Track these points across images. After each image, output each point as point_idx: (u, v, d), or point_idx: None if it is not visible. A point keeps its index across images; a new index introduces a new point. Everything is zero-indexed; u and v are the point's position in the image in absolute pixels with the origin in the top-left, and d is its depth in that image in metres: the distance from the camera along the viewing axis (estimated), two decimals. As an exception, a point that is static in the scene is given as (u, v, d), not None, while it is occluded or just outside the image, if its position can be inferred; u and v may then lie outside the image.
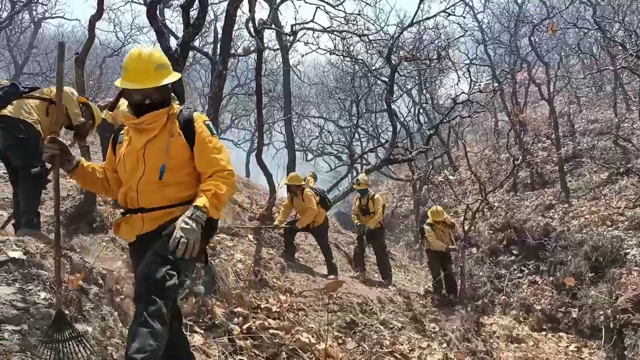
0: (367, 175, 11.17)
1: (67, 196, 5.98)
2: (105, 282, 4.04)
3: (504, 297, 13.23)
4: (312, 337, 5.17)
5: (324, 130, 26.47)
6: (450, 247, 8.99)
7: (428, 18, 13.38)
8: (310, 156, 27.56)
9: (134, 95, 2.64)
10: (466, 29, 17.69)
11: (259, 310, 5.52)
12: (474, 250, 15.24)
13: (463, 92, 12.39)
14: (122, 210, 2.92)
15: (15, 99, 4.46)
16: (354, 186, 9.40)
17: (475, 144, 23.94)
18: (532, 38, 17.54)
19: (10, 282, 2.80)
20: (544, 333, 11.21)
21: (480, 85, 12.95)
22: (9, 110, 4.38)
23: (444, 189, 17.29)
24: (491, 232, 15.40)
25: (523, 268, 13.72)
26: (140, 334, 2.31)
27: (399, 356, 5.35)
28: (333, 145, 24.43)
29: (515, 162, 11.03)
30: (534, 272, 13.29)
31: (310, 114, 27.64)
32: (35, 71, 19.39)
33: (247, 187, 18.98)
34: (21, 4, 15.40)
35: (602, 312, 10.07)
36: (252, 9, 7.78)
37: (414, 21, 11.76)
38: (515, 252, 14.28)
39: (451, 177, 11.94)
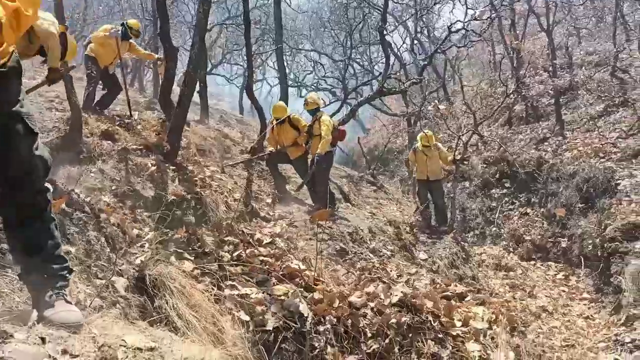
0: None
1: (53, 128, 5.92)
2: (91, 210, 4.05)
3: (495, 228, 13.45)
4: (302, 264, 5.25)
5: (318, 65, 26.01)
6: (432, 176, 8.96)
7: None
8: (304, 92, 27.21)
9: None
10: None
11: (250, 239, 5.58)
12: (467, 183, 15.34)
13: (458, 21, 12.06)
14: None
15: None
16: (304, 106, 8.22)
17: (473, 77, 23.60)
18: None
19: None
20: (533, 262, 11.48)
21: (476, 13, 12.58)
22: None
23: (439, 124, 17.19)
24: (484, 165, 15.43)
25: (515, 200, 13.86)
26: None
27: (387, 281, 5.46)
28: (327, 80, 24.02)
29: (509, 93, 10.85)
30: (525, 204, 13.44)
31: (304, 47, 27.06)
32: None
33: (240, 123, 18.87)
34: None
35: (590, 242, 10.27)
36: None
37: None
38: (507, 185, 14.37)
39: (442, 107, 11.77)
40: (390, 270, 5.93)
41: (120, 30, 7.86)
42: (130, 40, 8.19)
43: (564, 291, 9.93)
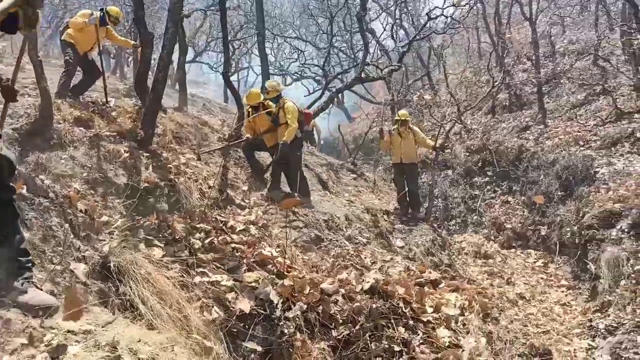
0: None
1: (23, 114, 5.81)
2: (56, 196, 3.99)
3: (476, 216, 13.52)
4: (275, 251, 5.24)
5: (304, 53, 25.89)
6: (405, 159, 8.98)
7: None
8: (289, 80, 27.08)
9: None
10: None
11: (222, 227, 5.56)
12: (449, 172, 15.40)
13: (436, 7, 12.01)
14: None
15: None
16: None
17: (458, 66, 23.63)
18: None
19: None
20: (513, 250, 11.57)
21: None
22: None
23: (423, 112, 17.20)
24: (467, 154, 15.49)
25: (496, 189, 13.93)
26: None
27: (360, 267, 5.47)
28: (311, 68, 23.89)
29: (495, 83, 10.87)
30: (507, 192, 13.52)
31: (290, 35, 26.85)
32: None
33: (224, 111, 18.74)
34: None
35: (568, 229, 10.36)
36: None
37: None
38: (489, 173, 14.44)
39: (427, 97, 11.76)
40: (365, 258, 5.94)
41: (98, 16, 7.74)
42: (108, 27, 8.08)
43: (542, 278, 10.02)
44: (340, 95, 23.69)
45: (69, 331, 1.89)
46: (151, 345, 2.27)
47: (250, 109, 7.62)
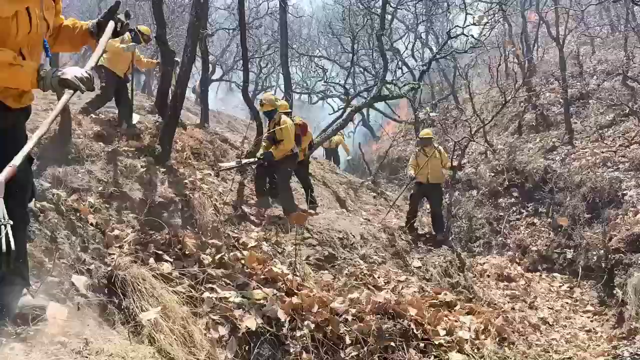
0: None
1: (44, 129, 5.93)
2: (67, 209, 4.04)
3: (501, 238, 13.26)
4: (286, 268, 5.20)
5: (329, 72, 25.97)
6: (432, 179, 8.81)
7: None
8: (315, 99, 27.23)
9: None
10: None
11: (234, 243, 5.55)
12: (474, 192, 15.18)
13: (457, 26, 11.95)
14: None
15: None
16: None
17: (485, 86, 23.43)
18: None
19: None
20: (538, 273, 11.29)
21: (475, 18, 12.49)
22: None
23: (447, 131, 17.04)
24: (492, 174, 15.27)
25: (522, 210, 13.67)
26: None
27: (371, 287, 5.38)
28: (336, 87, 24.00)
29: (507, 98, 10.72)
30: (533, 214, 13.25)
31: (315, 54, 27.05)
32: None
33: (248, 128, 18.90)
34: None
35: (595, 253, 10.08)
36: None
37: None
38: (515, 194, 14.20)
39: (433, 114, 11.64)
40: (378, 277, 5.85)
41: (130, 38, 7.49)
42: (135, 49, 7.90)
43: (567, 303, 9.74)
44: (365, 113, 23.74)
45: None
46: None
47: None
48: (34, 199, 2.85)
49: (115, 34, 2.62)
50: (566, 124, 14.78)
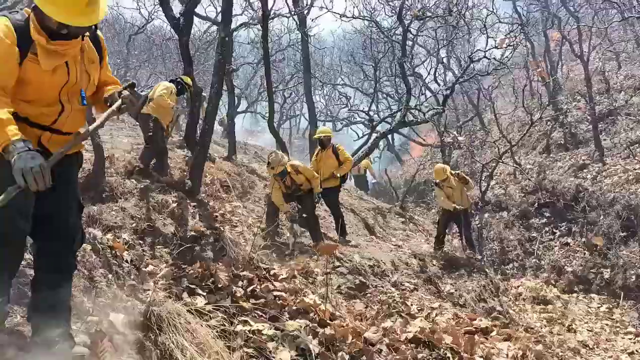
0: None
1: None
2: (102, 247, 4.14)
3: (534, 260, 13.02)
4: (318, 298, 5.19)
5: (352, 99, 26.20)
6: (457, 206, 8.71)
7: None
8: (339, 126, 27.42)
9: (72, 30, 2.32)
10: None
11: (266, 274, 5.58)
12: (504, 213, 14.97)
13: (478, 50, 11.99)
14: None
15: None
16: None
17: (510, 106, 23.30)
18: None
19: None
20: (575, 295, 11.01)
21: (497, 41, 12.50)
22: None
23: (473, 153, 16.94)
24: (522, 194, 15.08)
25: (555, 230, 13.44)
26: None
27: (405, 315, 5.33)
28: (359, 114, 24.16)
29: (533, 119, 10.62)
30: (566, 233, 13.01)
31: (338, 82, 27.35)
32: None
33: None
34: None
35: (633, 272, 9.82)
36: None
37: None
38: (547, 214, 13.98)
39: (460, 138, 11.60)
40: (411, 304, 5.79)
41: (175, 89, 7.27)
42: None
43: (607, 325, 9.45)
44: (390, 138, 23.77)
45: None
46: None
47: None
48: (83, 244, 2.96)
49: (118, 112, 2.58)
50: (595, 141, 14.57)
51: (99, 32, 2.64)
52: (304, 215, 7.22)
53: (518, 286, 10.73)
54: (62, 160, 2.40)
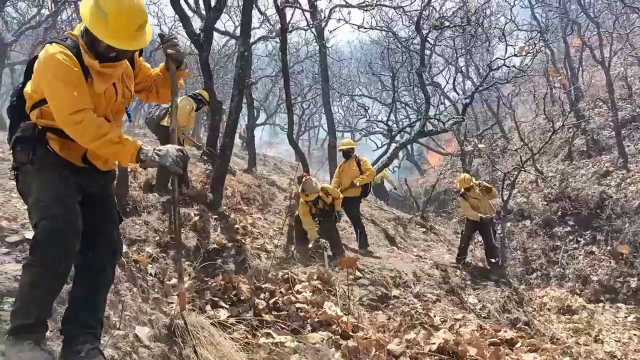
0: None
1: (102, 183, 6.22)
2: (127, 261, 4.19)
3: (559, 269, 12.82)
4: (340, 310, 5.18)
5: (370, 109, 26.26)
6: (483, 216, 8.60)
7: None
8: (358, 136, 27.47)
9: (122, 53, 2.46)
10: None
11: (288, 286, 5.59)
12: (527, 222, 14.79)
13: (498, 58, 11.92)
14: None
15: None
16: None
17: (530, 113, 23.09)
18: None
19: (20, 260, 2.97)
20: (601, 304, 10.81)
21: (516, 49, 12.40)
22: None
23: (494, 161, 16.80)
24: (545, 203, 14.89)
25: (579, 239, 13.23)
26: None
27: (428, 327, 5.29)
28: (378, 124, 24.19)
29: (555, 126, 10.49)
30: (591, 242, 12.79)
31: (356, 93, 27.41)
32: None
33: (294, 170, 19.16)
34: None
35: (662, 281, 9.60)
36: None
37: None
38: (570, 222, 13.78)
39: (481, 146, 11.51)
40: (434, 316, 5.74)
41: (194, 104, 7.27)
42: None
43: (635, 335, 9.23)
44: (409, 148, 23.73)
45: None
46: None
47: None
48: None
49: (176, 67, 2.86)
50: (619, 147, 14.35)
51: None
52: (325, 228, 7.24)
53: (542, 296, 10.56)
54: (105, 175, 2.60)
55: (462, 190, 8.94)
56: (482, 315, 6.56)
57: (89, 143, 2.32)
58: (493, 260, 8.77)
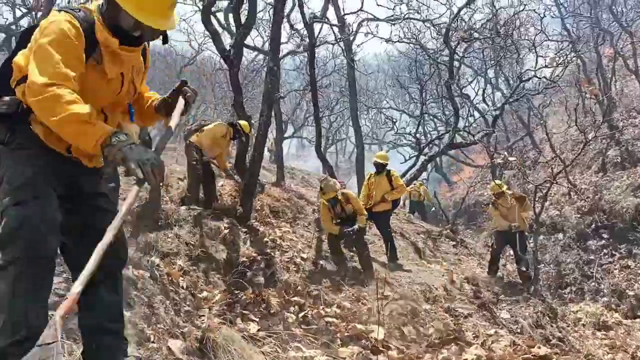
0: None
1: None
2: (160, 274, 4.26)
3: (593, 283, 12.52)
4: (370, 325, 5.16)
5: (398, 121, 26.20)
6: (513, 225, 8.42)
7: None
8: (385, 148, 27.41)
9: (147, 34, 2.17)
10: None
11: (317, 300, 5.59)
12: (560, 235, 14.50)
13: (528, 70, 11.77)
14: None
15: None
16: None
17: (561, 124, 22.71)
18: (614, 7, 16.31)
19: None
20: (638, 320, 10.50)
21: (547, 60, 12.24)
22: None
23: (525, 173, 16.52)
24: (578, 215, 14.59)
25: (614, 252, 12.92)
26: None
27: (461, 343, 5.21)
28: (406, 136, 24.11)
29: (587, 137, 10.28)
30: (626, 256, 12.49)
31: (383, 106, 27.43)
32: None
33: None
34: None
35: (702, 296, 9.28)
36: (301, 4, 7.86)
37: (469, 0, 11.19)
38: (605, 235, 13.47)
39: (511, 158, 11.35)
40: (466, 331, 5.66)
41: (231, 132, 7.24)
42: None
43: (675, 352, 8.92)
44: (438, 160, 23.55)
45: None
46: None
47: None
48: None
49: (185, 110, 2.43)
50: (655, 158, 14.00)
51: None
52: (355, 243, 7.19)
53: (577, 311, 10.29)
54: (98, 171, 2.29)
55: (493, 198, 8.82)
56: (515, 331, 6.43)
57: (50, 117, 1.89)
58: (524, 269, 8.59)
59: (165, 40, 2.28)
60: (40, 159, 2.07)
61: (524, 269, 8.60)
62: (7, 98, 2.10)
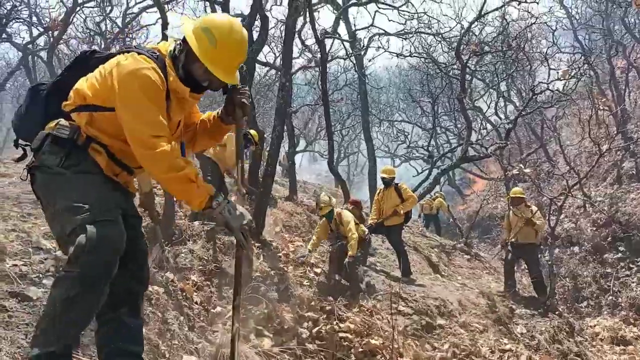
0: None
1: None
2: (174, 290, 4.28)
3: (611, 297, 12.32)
4: (384, 340, 5.13)
5: (410, 135, 26.18)
6: (521, 239, 8.31)
7: (496, 9, 12.61)
8: (397, 162, 27.35)
9: (214, 84, 2.31)
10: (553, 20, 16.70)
11: (331, 315, 5.57)
12: (575, 248, 14.32)
13: (540, 82, 11.73)
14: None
15: None
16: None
17: (575, 136, 22.53)
18: (626, 19, 16.23)
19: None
20: (658, 335, 10.29)
21: (559, 73, 12.15)
22: None
23: (539, 186, 16.39)
24: (594, 228, 14.41)
25: (631, 265, 12.73)
26: None
27: (475, 358, 5.16)
28: (418, 149, 24.06)
29: (601, 149, 10.17)
30: (645, 269, 12.27)
31: (396, 119, 27.42)
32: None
33: (334, 196, 19.16)
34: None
35: None
36: (312, 20, 7.93)
37: (482, 14, 11.18)
38: (621, 248, 13.28)
39: (526, 170, 11.24)
40: (481, 347, 5.60)
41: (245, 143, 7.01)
42: None
43: (696, 368, 8.74)
44: (451, 173, 23.45)
45: None
46: None
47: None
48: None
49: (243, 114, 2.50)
50: (671, 170, 13.82)
51: None
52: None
53: (594, 326, 10.15)
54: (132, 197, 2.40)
55: (510, 207, 8.72)
56: (532, 346, 6.34)
57: (161, 174, 2.08)
58: (539, 293, 8.42)
59: (225, 91, 2.43)
60: (107, 184, 2.17)
61: (539, 287, 8.46)
62: (65, 123, 2.15)
